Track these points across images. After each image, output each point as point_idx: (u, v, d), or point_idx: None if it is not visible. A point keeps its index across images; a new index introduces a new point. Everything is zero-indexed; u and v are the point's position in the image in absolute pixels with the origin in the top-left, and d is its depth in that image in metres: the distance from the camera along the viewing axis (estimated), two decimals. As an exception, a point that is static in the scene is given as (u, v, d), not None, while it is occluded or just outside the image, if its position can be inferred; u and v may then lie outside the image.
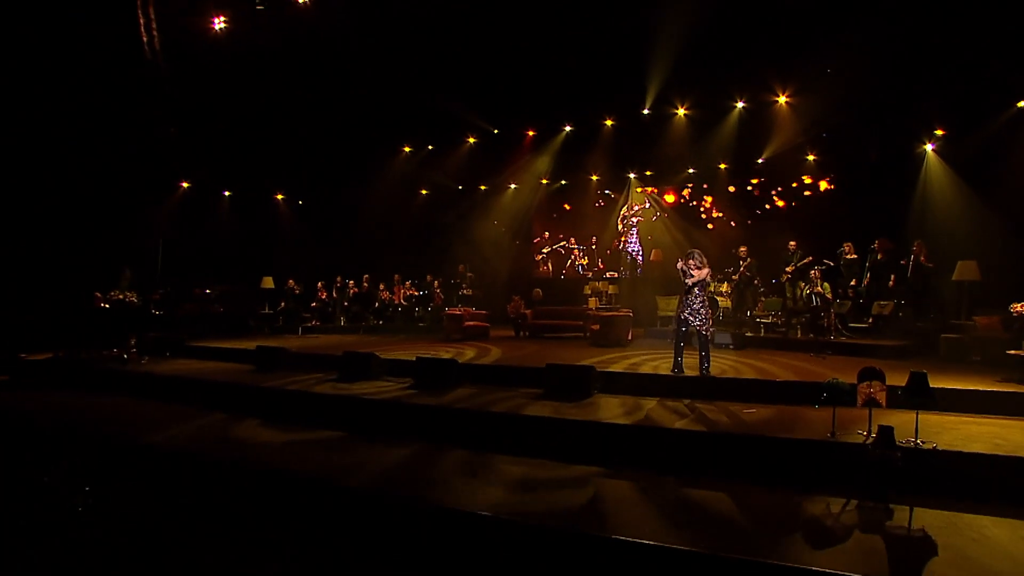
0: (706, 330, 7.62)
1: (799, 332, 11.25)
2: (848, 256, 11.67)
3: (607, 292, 15.54)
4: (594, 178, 17.30)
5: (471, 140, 16.17)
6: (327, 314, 15.28)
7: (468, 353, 10.44)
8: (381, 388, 8.23)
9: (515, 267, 17.58)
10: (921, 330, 9.83)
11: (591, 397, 7.47)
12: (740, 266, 12.10)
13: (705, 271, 7.57)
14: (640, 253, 16.63)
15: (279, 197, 18.23)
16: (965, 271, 9.51)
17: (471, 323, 13.16)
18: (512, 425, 6.51)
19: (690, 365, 8.08)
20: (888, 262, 11.07)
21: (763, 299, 12.85)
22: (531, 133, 15.74)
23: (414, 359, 8.77)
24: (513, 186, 18.04)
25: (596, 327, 11.56)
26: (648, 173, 16.70)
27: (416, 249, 17.37)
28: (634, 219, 16.74)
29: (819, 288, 10.78)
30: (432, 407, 7.13)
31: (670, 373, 7.83)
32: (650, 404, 7.02)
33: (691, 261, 7.59)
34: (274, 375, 9.42)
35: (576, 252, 17.53)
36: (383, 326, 14.91)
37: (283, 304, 14.80)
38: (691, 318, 7.58)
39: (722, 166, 15.55)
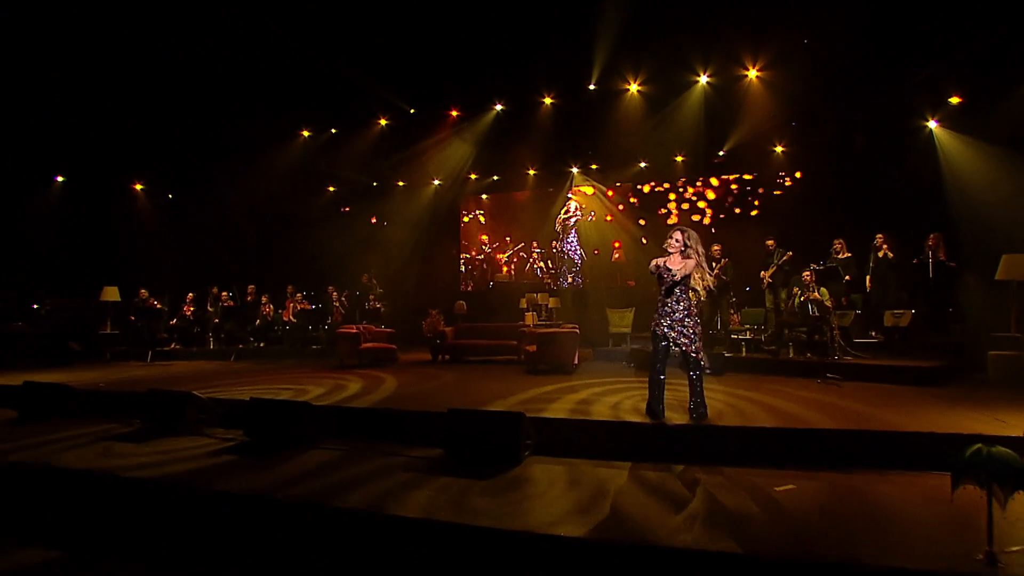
0: (695, 351, 4.87)
1: (791, 351, 8.63)
2: (840, 255, 9.19)
3: (546, 305, 12.66)
4: (531, 172, 14.52)
5: (382, 122, 13.11)
6: (192, 334, 11.76)
7: (352, 387, 7.30)
8: (189, 449, 5.00)
9: (438, 276, 14.56)
10: (955, 346, 7.35)
11: (519, 466, 4.50)
12: (714, 268, 9.45)
13: (692, 261, 4.87)
14: (580, 255, 14.04)
15: (138, 187, 14.58)
16: (1014, 268, 7.07)
17: (371, 345, 10.05)
18: (370, 535, 3.41)
19: (669, 404, 5.23)
20: (896, 261, 8.65)
21: (735, 311, 10.28)
22: (454, 113, 12.81)
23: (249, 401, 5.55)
24: (436, 181, 15.18)
25: (533, 348, 8.63)
26: (594, 166, 14.10)
27: (318, 256, 14.24)
28: (571, 220, 13.96)
29: (815, 294, 8.20)
30: (243, 496, 3.94)
31: (645, 419, 4.93)
32: (618, 480, 4.11)
33: (673, 239, 4.92)
34: (39, 428, 5.98)
35: (534, 255, 14.76)
36: (265, 349, 11.74)
37: (133, 320, 11.20)
38: (673, 333, 4.84)
39: (679, 158, 13.08)
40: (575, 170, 14.32)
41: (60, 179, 13.29)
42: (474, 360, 10.39)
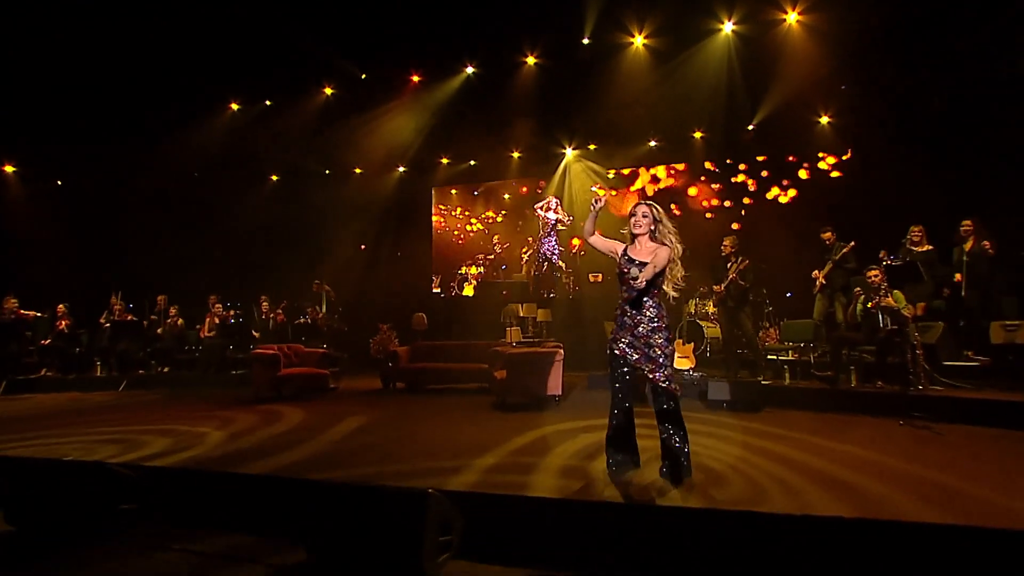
0: (666, 380, 3.74)
1: (853, 378, 6.94)
2: (920, 247, 7.50)
3: (533, 318, 11.01)
4: (515, 155, 12.97)
5: (327, 91, 11.63)
6: (73, 357, 10.18)
7: (215, 437, 5.63)
8: None
9: (404, 281, 13.24)
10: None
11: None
12: (727, 270, 7.80)
13: (665, 251, 3.80)
14: (557, 255, 12.57)
15: (8, 169, 13.08)
16: None
17: (295, 370, 8.50)
18: None
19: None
20: (997, 255, 6.98)
21: (769, 323, 8.63)
22: (415, 78, 11.29)
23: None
24: (401, 168, 13.84)
25: (502, 375, 6.98)
26: (592, 147, 12.59)
27: (253, 258, 12.92)
28: (551, 215, 12.44)
29: (887, 299, 6.51)
30: None
31: (608, 476, 3.83)
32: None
33: (639, 214, 3.91)
34: None
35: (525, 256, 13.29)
36: (170, 375, 10.27)
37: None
38: (635, 353, 3.79)
39: (697, 134, 11.65)
40: (569, 151, 12.74)
41: None
42: (434, 389, 8.96)
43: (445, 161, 13.42)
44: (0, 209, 12.61)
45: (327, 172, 13.85)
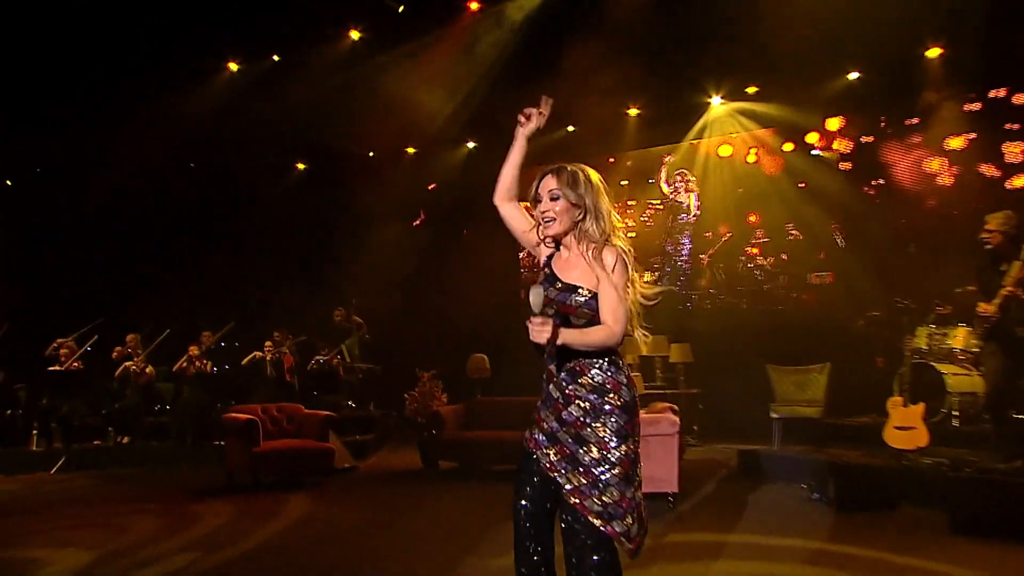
0: (605, 515, 2.87)
1: None
2: None
3: (665, 358, 10.62)
4: (632, 112, 12.30)
5: (354, 35, 11.37)
6: (4, 422, 10.17)
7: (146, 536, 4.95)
8: None
9: (472, 305, 12.78)
10: None
11: None
12: (1000, 274, 6.26)
13: (612, 257, 2.97)
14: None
15: None
16: None
17: (280, 443, 8.13)
18: None
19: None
20: None
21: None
22: (474, 5, 10.76)
23: None
24: (471, 144, 13.60)
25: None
26: (750, 89, 11.53)
27: (266, 280, 12.98)
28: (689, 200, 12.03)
29: None
30: None
31: None
32: None
33: (546, 196, 3.06)
34: None
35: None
36: (131, 447, 10.09)
37: None
38: (551, 453, 3.01)
39: (933, 51, 10.16)
40: (717, 101, 11.73)
41: None
42: (500, 470, 8.29)
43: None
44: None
45: (370, 154, 13.85)
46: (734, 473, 7.99)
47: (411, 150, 13.79)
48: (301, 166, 14.50)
